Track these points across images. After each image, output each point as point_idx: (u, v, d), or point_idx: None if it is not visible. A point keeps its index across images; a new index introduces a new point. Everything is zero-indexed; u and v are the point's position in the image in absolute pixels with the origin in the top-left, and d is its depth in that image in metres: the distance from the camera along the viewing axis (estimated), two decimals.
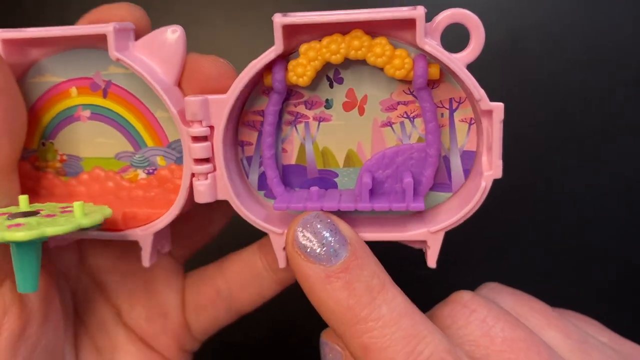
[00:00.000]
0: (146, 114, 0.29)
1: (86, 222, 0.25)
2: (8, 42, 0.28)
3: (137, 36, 0.29)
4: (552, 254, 0.47)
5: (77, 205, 0.25)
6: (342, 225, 0.25)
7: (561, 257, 0.46)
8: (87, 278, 0.33)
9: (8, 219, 0.25)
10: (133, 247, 0.33)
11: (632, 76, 0.43)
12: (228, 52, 0.28)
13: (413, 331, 0.23)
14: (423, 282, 0.38)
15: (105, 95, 0.30)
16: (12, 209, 0.27)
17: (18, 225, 0.24)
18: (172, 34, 0.28)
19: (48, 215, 0.26)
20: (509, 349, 0.23)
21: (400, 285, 0.25)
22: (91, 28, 0.27)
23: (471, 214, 0.27)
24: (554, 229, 0.47)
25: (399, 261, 0.29)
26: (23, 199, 0.27)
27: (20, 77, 0.30)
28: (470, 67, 0.26)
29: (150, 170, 0.30)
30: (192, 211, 0.32)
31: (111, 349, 0.32)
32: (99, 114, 0.30)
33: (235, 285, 0.32)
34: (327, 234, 0.25)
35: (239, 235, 0.37)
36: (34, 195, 0.31)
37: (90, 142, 0.31)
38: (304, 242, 0.25)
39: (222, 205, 0.33)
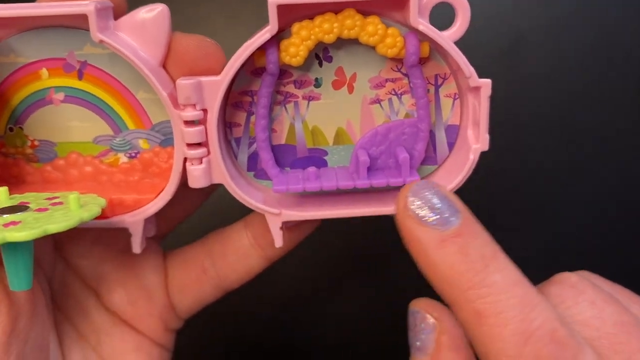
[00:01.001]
0: (127, 95, 0.28)
1: (86, 215, 0.24)
2: None
3: (115, 15, 0.27)
4: (549, 254, 0.48)
5: (72, 198, 0.24)
6: (451, 195, 0.25)
7: (561, 256, 0.47)
8: (62, 264, 0.32)
9: None
10: (109, 231, 0.32)
11: (632, 76, 0.44)
12: (228, 52, 0.27)
13: (526, 299, 0.23)
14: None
15: (80, 76, 0.28)
16: None
17: (14, 223, 0.23)
18: (156, 12, 0.27)
19: (39, 210, 0.25)
20: (620, 332, 0.23)
21: (399, 282, 0.25)
22: (70, 8, 0.25)
23: (460, 185, 0.28)
24: (553, 229, 0.47)
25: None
26: (2, 192, 0.26)
27: None
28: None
29: (133, 154, 0.29)
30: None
31: (94, 334, 0.32)
32: (74, 97, 0.28)
33: (223, 264, 0.32)
34: (438, 202, 0.25)
35: (213, 212, 0.37)
36: (4, 183, 0.29)
37: (64, 126, 0.29)
38: (416, 208, 0.25)
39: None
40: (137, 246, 0.29)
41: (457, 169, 0.29)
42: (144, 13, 0.27)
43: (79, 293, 0.32)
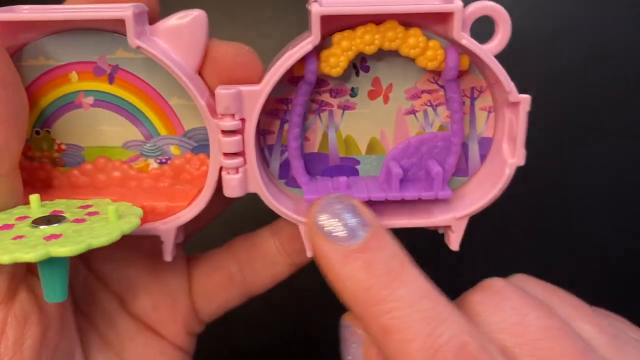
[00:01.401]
0: (159, 101, 0.28)
1: (127, 227, 0.24)
2: (3, 25, 0.25)
3: (148, 19, 0.26)
4: (550, 253, 0.48)
5: (111, 209, 0.24)
6: (362, 207, 0.25)
7: (559, 255, 0.48)
8: (84, 269, 0.31)
9: (33, 226, 0.24)
10: (131, 235, 0.32)
11: (632, 76, 0.45)
12: None
13: (433, 313, 0.22)
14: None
15: (111, 81, 0.27)
16: (25, 211, 0.25)
17: (56, 236, 0.23)
18: (192, 18, 0.26)
19: (77, 221, 0.24)
20: (543, 337, 0.23)
21: None
22: (108, 12, 0.25)
23: (495, 199, 0.28)
24: (552, 229, 0.48)
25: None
26: (34, 199, 0.25)
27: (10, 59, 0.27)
28: None
29: (164, 160, 0.29)
30: None
31: (118, 340, 0.31)
32: (104, 101, 0.28)
33: (249, 270, 0.32)
34: (347, 215, 0.24)
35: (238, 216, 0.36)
36: (30, 187, 0.29)
37: (93, 130, 0.28)
38: (323, 222, 0.24)
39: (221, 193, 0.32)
40: (168, 254, 0.28)
41: (489, 181, 0.29)
42: (180, 18, 0.26)
43: (103, 298, 0.32)
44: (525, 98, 0.27)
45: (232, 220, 0.34)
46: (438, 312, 0.23)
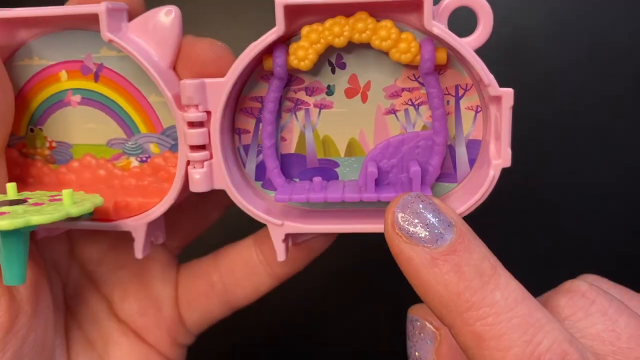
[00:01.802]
0: (139, 98, 0.28)
1: (75, 210, 0.23)
2: None
3: (131, 18, 0.27)
4: (550, 252, 0.46)
5: (65, 193, 0.24)
6: (445, 207, 0.23)
7: (560, 254, 0.46)
8: (77, 269, 0.32)
9: None
10: (124, 238, 0.32)
11: (632, 76, 0.42)
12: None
13: (530, 319, 0.21)
14: None
15: (96, 79, 0.28)
16: (0, 197, 0.26)
17: (2, 213, 0.23)
18: (167, 15, 0.27)
19: (36, 204, 0.25)
20: (636, 345, 0.22)
21: (400, 283, 0.24)
22: (82, 8, 0.26)
23: (479, 203, 0.26)
24: (552, 229, 0.46)
25: None
26: (11, 187, 0.26)
27: (7, 60, 0.28)
28: None
29: (144, 158, 0.29)
30: (186, 201, 0.31)
31: (103, 342, 0.31)
32: (90, 99, 0.29)
33: (230, 279, 0.31)
34: (430, 216, 0.22)
35: (234, 226, 0.36)
36: (22, 183, 0.30)
37: (80, 128, 0.29)
38: (405, 223, 0.22)
39: (216, 196, 0.32)
40: (139, 251, 0.28)
41: (478, 186, 0.26)
42: (154, 15, 0.27)
43: (92, 299, 0.32)
44: (507, 92, 0.24)
45: (237, 230, 0.34)
46: (536, 318, 0.21)
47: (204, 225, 0.33)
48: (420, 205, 0.23)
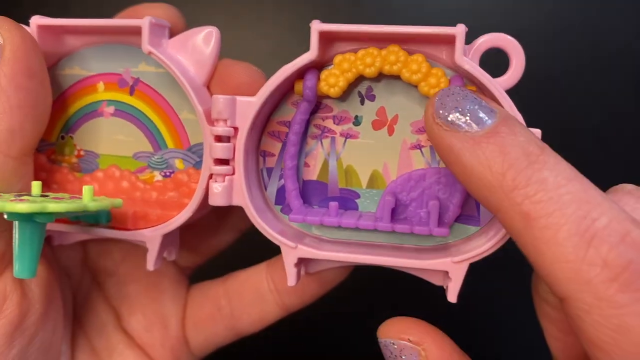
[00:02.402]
0: (171, 114, 0.29)
1: (92, 205, 0.24)
2: (43, 29, 0.28)
3: (172, 36, 0.28)
4: None
5: (86, 188, 0.24)
6: (485, 97, 0.23)
7: None
8: (89, 279, 0.32)
9: (15, 197, 0.24)
10: (138, 252, 0.32)
11: (632, 76, 0.42)
12: (228, 54, 0.28)
13: (584, 195, 0.19)
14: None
15: (132, 92, 0.29)
16: (24, 193, 0.26)
17: (21, 200, 0.23)
18: (207, 36, 0.28)
19: (55, 198, 0.25)
20: None
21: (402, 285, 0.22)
22: (126, 20, 0.27)
23: (500, 245, 0.25)
24: None
25: None
26: (36, 185, 0.26)
27: (50, 68, 0.30)
28: None
29: (167, 173, 0.29)
30: (202, 221, 0.31)
31: (108, 353, 0.31)
32: (123, 111, 0.29)
33: (237, 304, 0.31)
34: (470, 103, 0.22)
35: (249, 252, 0.36)
36: (46, 188, 0.30)
37: (109, 138, 0.30)
38: (444, 112, 0.21)
39: (233, 218, 0.32)
40: (151, 263, 0.28)
41: (496, 226, 0.26)
42: (194, 34, 0.28)
43: (100, 310, 0.32)
44: (536, 133, 0.24)
45: (243, 253, 0.33)
46: (591, 196, 0.19)
47: (218, 247, 0.33)
48: (460, 94, 0.22)
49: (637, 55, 0.43)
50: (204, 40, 0.28)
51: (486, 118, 0.21)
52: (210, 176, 0.27)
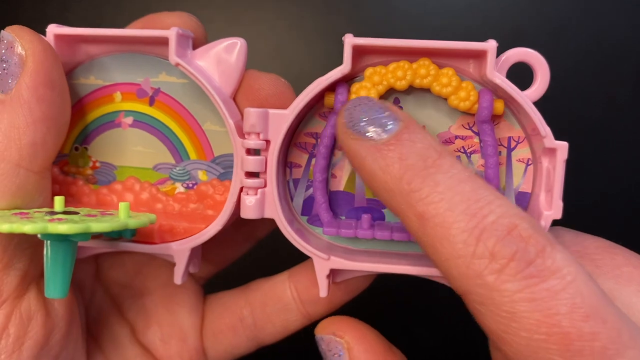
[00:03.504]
0: (193, 125, 0.28)
1: (133, 222, 0.23)
2: (60, 38, 0.27)
3: (194, 47, 0.28)
4: None
5: (122, 205, 0.24)
6: (392, 106, 0.24)
7: None
8: (102, 292, 0.31)
9: (46, 215, 0.24)
10: (152, 264, 0.31)
11: (632, 76, 0.44)
12: None
13: (475, 195, 0.20)
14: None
15: (151, 103, 0.29)
16: (47, 210, 0.25)
17: (60, 219, 0.23)
18: (232, 47, 0.27)
19: (88, 215, 0.24)
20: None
21: (401, 284, 0.23)
22: (152, 31, 0.26)
23: None
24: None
25: None
26: (59, 200, 0.26)
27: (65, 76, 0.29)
28: None
29: (190, 185, 0.29)
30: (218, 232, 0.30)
31: None
32: (142, 122, 0.29)
33: (260, 314, 0.31)
34: (376, 112, 0.23)
35: (264, 258, 0.35)
36: None
37: (128, 150, 0.29)
38: (352, 122, 0.23)
39: (248, 227, 0.32)
40: (179, 277, 0.28)
41: None
42: (221, 45, 0.27)
43: (115, 324, 0.31)
44: (562, 145, 0.25)
45: (258, 262, 0.33)
46: (482, 195, 0.21)
47: (233, 257, 0.33)
48: (367, 104, 0.23)
49: (637, 55, 0.44)
50: (228, 51, 0.27)
51: (390, 126, 0.22)
52: (241, 189, 0.27)
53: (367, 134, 0.22)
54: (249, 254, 0.34)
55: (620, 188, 0.46)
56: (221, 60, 0.27)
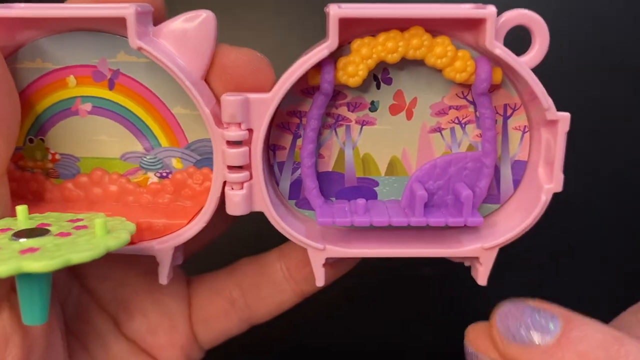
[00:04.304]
0: (162, 110, 0.26)
1: (113, 244, 0.21)
2: None
3: (153, 20, 0.24)
4: (551, 255, 0.46)
5: (99, 222, 0.21)
6: (540, 304, 0.23)
7: (561, 257, 0.46)
8: (77, 287, 0.29)
9: (12, 239, 0.21)
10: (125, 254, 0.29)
11: (632, 76, 0.43)
12: None
13: None
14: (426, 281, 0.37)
15: (111, 86, 0.25)
16: (9, 223, 0.23)
17: (32, 250, 0.20)
18: (200, 20, 0.24)
19: (61, 234, 0.22)
20: None
21: (402, 284, 0.23)
22: (107, 10, 0.23)
23: (529, 228, 0.25)
24: (553, 231, 0.46)
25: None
26: (21, 210, 0.23)
27: (6, 60, 0.25)
28: None
29: (164, 174, 0.26)
30: None
31: None
32: (103, 108, 0.26)
33: (253, 296, 0.30)
34: (529, 316, 0.23)
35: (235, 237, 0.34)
36: (20, 199, 0.27)
37: (90, 140, 0.26)
38: (510, 334, 0.23)
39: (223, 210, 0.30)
40: (164, 276, 0.26)
41: (523, 209, 0.26)
42: (186, 20, 0.24)
43: (96, 319, 0.29)
44: (565, 116, 0.24)
45: (237, 239, 0.32)
46: None
47: (211, 238, 0.31)
48: (517, 311, 0.23)
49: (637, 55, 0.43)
50: (195, 25, 0.24)
51: (552, 326, 0.22)
52: (224, 183, 0.24)
53: (532, 341, 0.22)
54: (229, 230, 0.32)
55: (622, 189, 0.46)
56: (187, 36, 0.24)
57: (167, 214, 0.26)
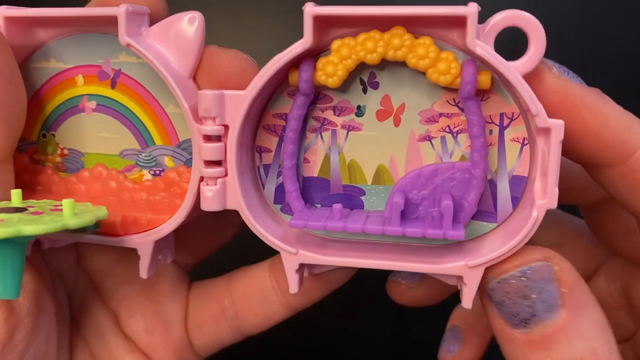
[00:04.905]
0: (156, 108, 0.26)
1: (73, 222, 0.22)
2: (11, 21, 0.26)
3: (152, 23, 0.26)
4: None
5: (66, 203, 0.22)
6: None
7: None
8: (84, 280, 0.30)
9: None
10: (133, 251, 0.30)
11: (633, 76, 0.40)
12: None
13: None
14: None
15: (113, 85, 0.27)
16: (3, 204, 0.24)
17: None
18: (191, 22, 0.25)
19: (36, 213, 0.23)
20: None
21: None
22: (100, 10, 0.24)
23: (518, 248, 0.23)
24: None
25: None
26: (15, 194, 0.24)
27: (24, 61, 0.27)
28: None
29: (157, 172, 0.27)
30: (198, 220, 0.29)
31: (107, 358, 0.29)
32: (105, 106, 0.27)
33: (242, 305, 0.29)
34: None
35: (252, 245, 0.34)
36: (30, 190, 0.29)
37: (93, 136, 0.28)
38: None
39: (229, 214, 0.30)
40: (144, 270, 0.26)
41: (519, 228, 0.23)
42: (177, 21, 0.25)
43: (98, 313, 0.30)
44: (558, 124, 0.22)
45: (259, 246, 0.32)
46: None
47: (218, 243, 0.31)
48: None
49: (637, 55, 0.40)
50: (187, 27, 0.25)
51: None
52: (201, 179, 0.25)
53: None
54: (238, 240, 0.32)
55: None
56: (178, 36, 0.25)
57: (154, 210, 0.27)
